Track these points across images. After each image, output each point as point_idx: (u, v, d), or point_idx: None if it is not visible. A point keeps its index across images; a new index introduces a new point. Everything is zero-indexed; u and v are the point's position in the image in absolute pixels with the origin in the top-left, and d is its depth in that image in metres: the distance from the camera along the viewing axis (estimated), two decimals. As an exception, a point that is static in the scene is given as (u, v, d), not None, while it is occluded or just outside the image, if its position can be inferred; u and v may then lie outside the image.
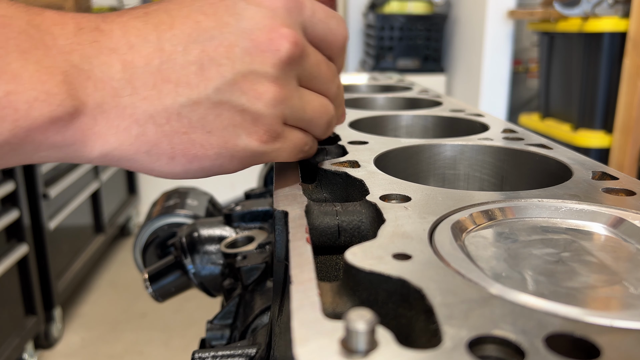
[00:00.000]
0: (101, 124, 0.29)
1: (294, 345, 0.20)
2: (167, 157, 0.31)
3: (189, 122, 0.30)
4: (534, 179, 0.50)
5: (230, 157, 0.33)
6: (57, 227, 1.95)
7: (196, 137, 0.31)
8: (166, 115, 0.30)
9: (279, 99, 0.32)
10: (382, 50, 2.45)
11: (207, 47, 0.30)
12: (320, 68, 0.34)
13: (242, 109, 0.31)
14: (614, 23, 1.59)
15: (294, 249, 0.29)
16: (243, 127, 0.32)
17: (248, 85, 0.31)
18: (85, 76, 0.28)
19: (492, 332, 0.21)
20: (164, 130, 0.30)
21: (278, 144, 0.34)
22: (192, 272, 0.64)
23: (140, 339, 2.03)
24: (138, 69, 0.29)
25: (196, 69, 0.30)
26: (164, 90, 0.29)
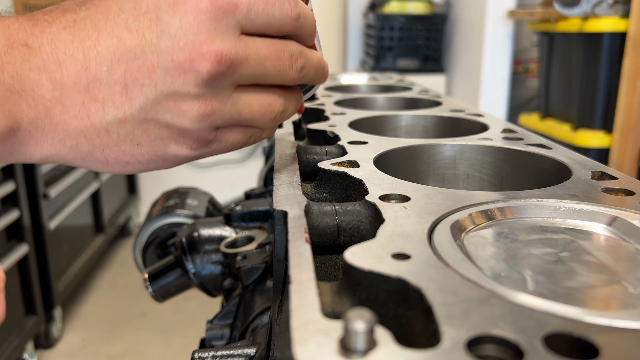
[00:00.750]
0: (37, 137, 0.31)
1: (293, 345, 0.20)
2: (102, 163, 0.33)
3: (117, 136, 0.32)
4: (533, 179, 0.50)
5: (163, 161, 0.34)
6: (57, 227, 1.96)
7: (126, 149, 0.33)
8: (95, 131, 0.31)
9: (204, 114, 0.32)
10: (382, 51, 2.45)
11: (130, 67, 0.30)
12: (264, 66, 0.34)
13: (168, 125, 0.32)
14: (614, 23, 1.59)
15: (293, 248, 0.29)
16: (171, 139, 0.33)
17: (171, 104, 0.31)
18: (18, 95, 0.29)
19: (491, 332, 0.21)
20: (94, 144, 0.32)
21: (212, 147, 0.35)
22: (192, 272, 0.64)
23: (140, 338, 2.03)
24: (67, 88, 0.30)
25: (120, 89, 0.31)
26: (92, 109, 0.31)
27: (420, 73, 2.48)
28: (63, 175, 2.03)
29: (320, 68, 0.38)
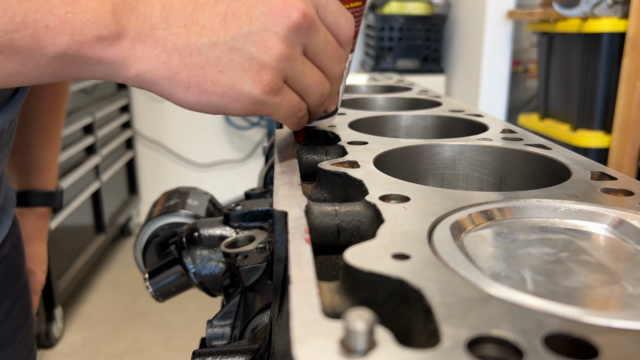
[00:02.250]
0: (138, 49, 0.35)
1: (293, 345, 0.20)
2: (184, 86, 0.37)
3: (206, 59, 0.36)
4: (533, 179, 0.50)
5: (234, 99, 0.38)
6: (57, 227, 1.96)
7: (209, 74, 0.37)
8: (189, 50, 0.36)
9: (283, 56, 0.37)
10: (381, 51, 2.45)
11: (233, 5, 0.36)
12: (327, 46, 0.39)
13: (252, 57, 0.37)
14: (613, 23, 1.59)
15: (293, 249, 0.29)
16: (250, 74, 0.37)
17: (259, 39, 0.36)
18: (130, 9, 0.35)
19: (490, 332, 0.21)
20: (185, 62, 0.36)
21: (277, 98, 0.39)
22: (192, 272, 0.64)
23: (140, 338, 2.03)
24: (175, 10, 0.36)
25: (220, 20, 0.36)
26: (192, 30, 0.36)
27: (420, 73, 2.48)
28: (64, 175, 2.03)
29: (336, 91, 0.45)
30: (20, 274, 0.75)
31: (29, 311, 0.77)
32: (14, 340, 0.72)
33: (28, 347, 0.76)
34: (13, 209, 0.72)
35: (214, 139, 3.05)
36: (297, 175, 0.43)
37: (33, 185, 0.84)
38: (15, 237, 0.74)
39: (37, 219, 0.86)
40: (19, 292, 0.74)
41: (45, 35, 0.33)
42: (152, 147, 3.03)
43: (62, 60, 0.34)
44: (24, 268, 0.77)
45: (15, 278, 0.73)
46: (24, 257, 0.77)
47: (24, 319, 0.75)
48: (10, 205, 0.71)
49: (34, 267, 0.84)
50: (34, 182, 0.85)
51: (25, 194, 0.84)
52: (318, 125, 0.57)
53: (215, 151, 3.07)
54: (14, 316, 0.72)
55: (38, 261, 0.86)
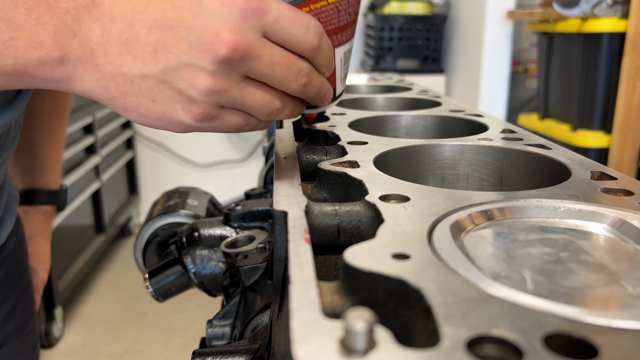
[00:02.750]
0: (80, 72, 0.37)
1: (293, 345, 0.20)
2: (122, 108, 0.39)
3: (138, 88, 0.38)
4: (533, 179, 0.50)
5: (170, 123, 0.39)
6: (57, 227, 1.96)
7: (142, 102, 0.38)
8: (123, 79, 0.38)
9: (213, 90, 0.37)
10: (381, 51, 2.45)
11: (164, 36, 0.36)
12: (274, 68, 0.38)
13: (180, 91, 0.38)
14: (613, 23, 1.59)
15: (293, 248, 0.29)
16: (180, 105, 0.38)
17: (187, 74, 0.37)
18: (72, 34, 0.36)
19: (490, 332, 0.21)
20: (119, 90, 0.38)
21: (213, 123, 0.40)
22: (192, 272, 0.64)
23: (140, 338, 2.04)
24: (112, 38, 0.37)
25: (152, 50, 0.37)
26: (126, 60, 0.37)
27: (420, 73, 2.48)
28: (64, 175, 2.03)
29: (322, 93, 0.43)
30: (23, 271, 0.76)
31: (33, 308, 0.78)
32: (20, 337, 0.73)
33: (32, 343, 0.77)
34: (16, 206, 0.73)
35: (214, 139, 3.05)
36: (297, 175, 0.43)
37: (37, 184, 0.85)
38: (19, 234, 0.75)
39: (41, 217, 0.87)
40: (22, 290, 0.75)
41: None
42: (152, 147, 3.03)
43: (10, 77, 0.37)
44: (28, 266, 0.78)
45: (19, 275, 0.74)
46: (27, 255, 0.78)
47: (27, 315, 0.76)
48: (13, 203, 0.72)
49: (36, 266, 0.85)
50: (38, 180, 0.86)
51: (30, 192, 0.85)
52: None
53: (215, 151, 3.07)
54: (19, 313, 0.73)
55: (41, 259, 0.87)
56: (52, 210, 0.89)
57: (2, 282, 0.70)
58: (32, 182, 0.85)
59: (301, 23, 0.38)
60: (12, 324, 0.72)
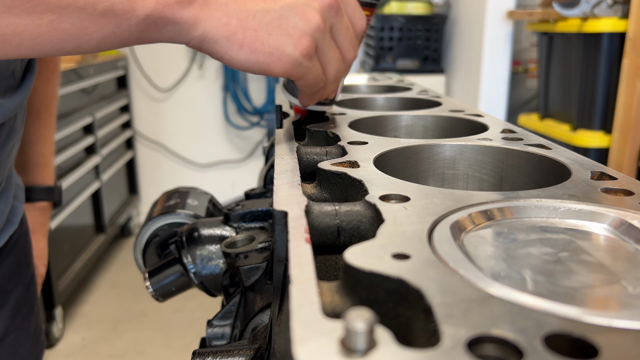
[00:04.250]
0: (205, 11, 0.43)
1: (293, 345, 0.20)
2: (238, 44, 0.44)
3: (259, 23, 0.44)
4: (533, 179, 0.50)
5: (278, 59, 0.45)
6: (58, 227, 1.96)
7: (261, 35, 0.44)
8: (246, 14, 0.44)
9: (319, 27, 0.46)
10: (381, 51, 2.45)
11: None
12: (347, 31, 0.48)
13: (295, 25, 0.45)
14: (613, 23, 1.59)
15: (293, 248, 0.29)
16: (292, 39, 0.45)
17: (302, 11, 0.45)
18: None
19: (490, 332, 0.21)
20: (242, 24, 0.44)
21: (310, 63, 0.47)
22: (192, 272, 0.64)
23: (140, 338, 2.04)
24: None
25: None
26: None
27: (420, 73, 2.48)
28: (64, 176, 2.03)
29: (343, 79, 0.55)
30: (30, 260, 0.79)
31: (37, 298, 0.81)
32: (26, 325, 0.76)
33: (37, 332, 0.80)
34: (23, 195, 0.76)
35: (214, 139, 3.05)
36: (297, 175, 0.43)
37: (33, 181, 0.88)
38: (24, 224, 0.77)
39: (38, 213, 0.89)
40: (29, 279, 0.77)
41: (137, 0, 0.41)
42: (152, 147, 3.03)
43: (148, 22, 0.41)
44: (32, 256, 0.81)
45: (26, 265, 0.77)
46: (31, 246, 0.81)
47: (33, 305, 0.78)
48: (20, 192, 0.75)
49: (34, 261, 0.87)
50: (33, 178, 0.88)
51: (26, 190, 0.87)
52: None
53: (215, 151, 3.07)
54: (27, 302, 0.76)
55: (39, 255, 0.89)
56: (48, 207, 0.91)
57: (13, 270, 0.73)
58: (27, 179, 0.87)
59: (360, 9, 0.50)
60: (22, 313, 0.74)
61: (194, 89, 2.97)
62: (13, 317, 0.73)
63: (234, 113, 3.00)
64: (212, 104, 3.00)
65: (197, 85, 2.96)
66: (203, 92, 2.98)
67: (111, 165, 2.55)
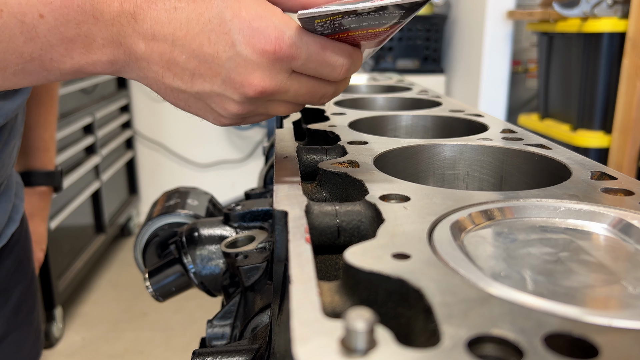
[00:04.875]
0: (127, 70, 0.43)
1: (293, 345, 0.20)
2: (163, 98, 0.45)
3: (176, 97, 0.44)
4: (533, 179, 0.50)
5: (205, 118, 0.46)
6: (57, 227, 1.95)
7: (180, 104, 0.45)
8: (164, 87, 0.43)
9: (240, 114, 0.44)
10: (381, 51, 2.45)
11: (201, 66, 0.41)
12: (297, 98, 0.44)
13: (212, 109, 0.44)
14: (613, 23, 1.59)
15: (293, 248, 0.29)
16: (212, 115, 0.45)
17: (219, 100, 0.43)
18: (118, 44, 0.42)
19: (491, 332, 0.21)
20: (160, 91, 0.44)
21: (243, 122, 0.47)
22: (192, 272, 0.64)
23: (140, 338, 2.04)
24: (154, 54, 0.42)
25: (189, 74, 0.42)
26: (166, 75, 0.42)
27: (420, 73, 2.48)
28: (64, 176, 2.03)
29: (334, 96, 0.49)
30: (30, 258, 0.79)
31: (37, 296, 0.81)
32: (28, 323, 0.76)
33: (38, 329, 0.80)
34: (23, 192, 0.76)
35: (214, 139, 3.05)
36: (297, 175, 0.43)
37: (33, 166, 0.88)
38: (25, 223, 0.78)
39: (38, 198, 0.89)
40: (30, 277, 0.78)
41: (51, 64, 0.41)
42: (152, 147, 3.03)
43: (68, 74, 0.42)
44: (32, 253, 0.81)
45: (27, 263, 0.77)
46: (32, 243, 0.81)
47: (34, 302, 0.79)
48: (20, 190, 0.75)
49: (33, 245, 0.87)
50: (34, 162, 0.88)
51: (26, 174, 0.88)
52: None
53: (215, 151, 3.07)
54: (29, 299, 0.76)
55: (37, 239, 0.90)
56: (48, 191, 0.91)
57: (15, 268, 0.73)
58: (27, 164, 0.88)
59: (327, 64, 0.42)
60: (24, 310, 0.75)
61: (194, 89, 2.96)
62: (16, 315, 0.73)
63: (234, 113, 3.00)
64: (212, 104, 2.99)
65: (197, 85, 2.96)
66: (203, 92, 2.97)
67: (111, 165, 2.55)
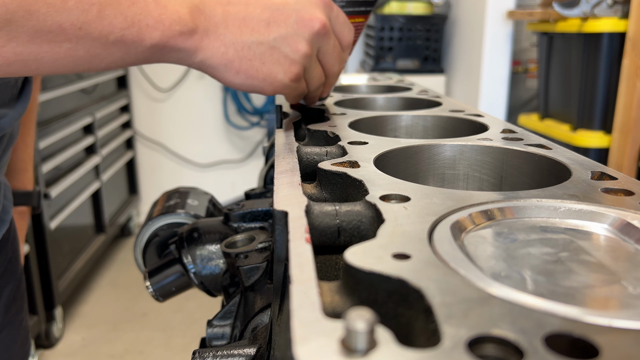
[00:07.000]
0: (205, 42, 0.47)
1: (293, 345, 0.20)
2: (235, 71, 0.49)
3: (254, 53, 0.49)
4: (533, 179, 0.50)
5: (270, 83, 0.51)
6: (58, 227, 1.96)
7: (254, 64, 0.49)
8: (242, 45, 0.48)
9: (307, 55, 0.51)
10: (381, 51, 2.45)
11: (274, 14, 0.49)
12: (334, 50, 0.53)
13: (286, 55, 0.50)
14: (613, 23, 1.59)
15: (294, 248, 0.29)
16: (283, 67, 0.50)
17: (292, 41, 0.50)
18: (200, 12, 0.47)
19: (491, 332, 0.21)
20: (238, 54, 0.48)
21: (296, 84, 0.53)
22: (192, 272, 0.64)
23: (140, 338, 2.04)
24: (231, 15, 0.48)
25: (265, 24, 0.49)
26: (244, 31, 0.48)
27: (420, 73, 2.48)
28: (64, 176, 2.03)
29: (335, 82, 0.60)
30: (18, 258, 0.80)
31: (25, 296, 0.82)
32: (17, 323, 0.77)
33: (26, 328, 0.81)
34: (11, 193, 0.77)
35: (214, 139, 3.05)
36: (297, 175, 0.43)
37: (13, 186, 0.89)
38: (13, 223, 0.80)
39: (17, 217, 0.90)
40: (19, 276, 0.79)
41: (146, 31, 0.44)
42: (152, 147, 3.03)
43: (154, 49, 0.46)
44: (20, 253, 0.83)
45: (16, 262, 0.79)
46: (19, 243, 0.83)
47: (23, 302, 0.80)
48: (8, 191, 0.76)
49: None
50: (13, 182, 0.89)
51: None
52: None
53: (215, 151, 3.07)
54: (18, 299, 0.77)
55: None
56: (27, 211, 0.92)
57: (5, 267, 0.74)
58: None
59: (348, 24, 0.54)
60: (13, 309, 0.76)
61: (194, 89, 2.97)
62: (5, 314, 0.74)
63: (234, 113, 3.00)
64: (212, 104, 3.00)
65: (197, 85, 2.96)
66: (203, 92, 2.98)
67: (111, 165, 2.55)
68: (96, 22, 0.42)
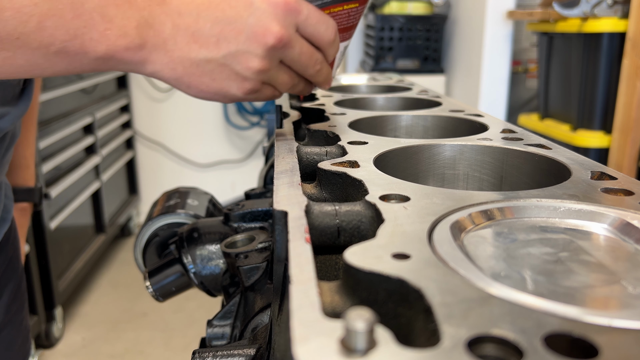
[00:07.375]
0: (153, 56, 0.46)
1: (293, 345, 0.20)
2: (185, 85, 0.48)
3: (202, 70, 0.47)
4: (533, 179, 0.50)
5: (223, 97, 0.50)
6: (58, 227, 1.96)
7: (204, 80, 0.48)
8: (190, 62, 0.47)
9: (261, 71, 0.48)
10: (381, 51, 2.45)
11: (225, 29, 0.46)
12: (301, 56, 0.50)
13: (237, 72, 0.48)
14: (613, 23, 1.59)
15: (293, 248, 0.29)
16: (235, 83, 0.48)
17: (243, 59, 0.47)
18: (149, 26, 0.45)
19: (490, 332, 0.21)
20: (186, 71, 0.47)
21: (255, 95, 0.51)
22: (192, 272, 0.64)
23: (140, 338, 2.04)
24: (180, 30, 0.46)
25: (215, 40, 0.46)
26: (192, 47, 0.46)
27: (420, 73, 2.48)
28: (64, 176, 2.03)
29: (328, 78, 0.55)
30: (19, 257, 0.81)
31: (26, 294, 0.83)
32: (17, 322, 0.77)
33: (26, 327, 0.81)
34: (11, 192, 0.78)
35: (214, 139, 3.05)
36: (297, 175, 0.43)
37: (14, 182, 0.90)
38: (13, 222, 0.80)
39: (18, 214, 0.91)
40: (20, 275, 0.79)
41: (90, 44, 0.43)
42: (152, 147, 3.03)
43: (100, 61, 0.45)
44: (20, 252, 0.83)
45: (17, 261, 0.79)
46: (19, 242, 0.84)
47: (24, 300, 0.80)
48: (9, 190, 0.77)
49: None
50: (15, 179, 0.90)
51: None
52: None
53: (215, 151, 3.07)
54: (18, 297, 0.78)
55: None
56: (29, 207, 0.93)
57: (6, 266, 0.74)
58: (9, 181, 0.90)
59: (323, 21, 0.50)
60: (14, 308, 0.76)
61: (194, 89, 2.96)
62: (6, 313, 0.74)
63: (234, 113, 3.00)
64: (212, 103, 3.00)
65: (197, 85, 2.96)
66: (203, 92, 2.97)
67: (111, 165, 2.55)
68: (35, 33, 0.41)
